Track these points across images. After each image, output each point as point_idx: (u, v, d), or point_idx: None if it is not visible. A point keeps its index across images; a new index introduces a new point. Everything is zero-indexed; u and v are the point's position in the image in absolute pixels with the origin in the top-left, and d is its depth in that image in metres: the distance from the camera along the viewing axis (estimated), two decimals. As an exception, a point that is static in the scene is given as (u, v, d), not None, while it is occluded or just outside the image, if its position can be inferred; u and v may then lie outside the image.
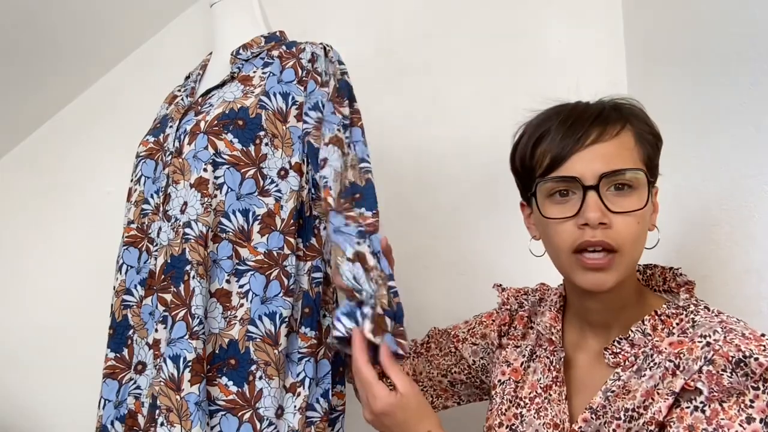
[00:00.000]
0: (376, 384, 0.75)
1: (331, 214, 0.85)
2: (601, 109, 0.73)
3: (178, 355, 0.80)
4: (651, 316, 0.72)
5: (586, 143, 0.70)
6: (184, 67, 1.14)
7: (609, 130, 0.71)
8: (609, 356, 0.73)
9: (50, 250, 1.43)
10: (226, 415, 0.82)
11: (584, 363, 0.79)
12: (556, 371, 0.79)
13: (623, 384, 0.70)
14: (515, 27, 1.35)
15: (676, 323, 0.70)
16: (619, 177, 0.69)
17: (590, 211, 0.68)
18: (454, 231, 1.35)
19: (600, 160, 0.69)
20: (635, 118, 0.73)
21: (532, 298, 0.92)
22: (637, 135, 0.72)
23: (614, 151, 0.70)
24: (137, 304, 0.92)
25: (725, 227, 0.93)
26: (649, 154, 0.73)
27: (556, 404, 0.77)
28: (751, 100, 0.86)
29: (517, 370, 0.85)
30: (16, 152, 1.46)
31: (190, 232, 0.84)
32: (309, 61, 0.93)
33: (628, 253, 0.69)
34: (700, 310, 0.70)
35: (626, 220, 0.68)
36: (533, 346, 0.86)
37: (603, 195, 0.69)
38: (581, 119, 0.72)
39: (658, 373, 0.66)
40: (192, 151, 0.87)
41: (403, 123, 1.36)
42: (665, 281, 0.79)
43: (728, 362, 0.60)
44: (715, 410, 0.60)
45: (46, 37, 1.28)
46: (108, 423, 0.90)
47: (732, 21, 0.91)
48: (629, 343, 0.72)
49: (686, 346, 0.65)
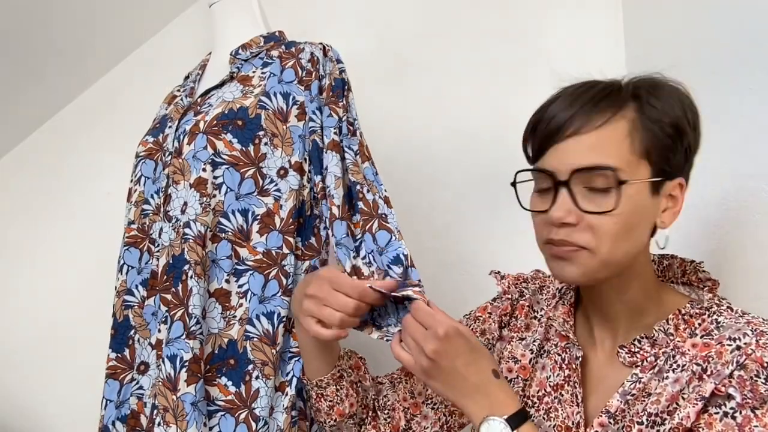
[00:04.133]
0: (438, 310, 0.68)
1: (336, 223, 0.85)
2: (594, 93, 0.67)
3: (175, 355, 0.80)
4: (675, 315, 0.68)
5: (567, 133, 0.65)
6: (184, 67, 1.14)
7: (595, 118, 0.64)
8: (625, 355, 0.69)
9: (50, 251, 1.43)
10: (225, 416, 0.82)
11: (595, 361, 0.74)
12: (570, 370, 0.74)
13: (643, 386, 0.66)
14: (515, 27, 1.35)
15: (698, 323, 0.66)
16: (593, 173, 0.64)
17: (555, 210, 0.65)
18: (454, 231, 1.34)
19: (576, 153, 0.65)
20: (648, 102, 0.66)
21: (532, 286, 0.87)
22: (637, 124, 0.65)
23: (596, 143, 0.64)
24: (139, 304, 0.92)
25: (725, 227, 0.92)
26: (658, 145, 0.65)
27: (568, 405, 0.73)
28: (751, 101, 0.86)
29: (525, 367, 0.80)
30: (16, 152, 1.46)
31: (189, 232, 0.84)
32: (308, 61, 0.93)
33: (599, 252, 0.65)
34: (723, 310, 0.66)
35: (600, 219, 0.64)
36: (541, 340, 0.81)
37: (576, 191, 0.65)
38: (572, 104, 0.66)
39: (684, 377, 0.63)
40: (191, 151, 0.87)
41: (403, 123, 1.35)
42: (684, 273, 0.75)
43: (763, 368, 0.58)
44: (747, 417, 0.57)
45: (46, 37, 1.28)
46: (109, 423, 0.90)
47: (732, 21, 0.91)
48: (650, 343, 0.68)
49: (714, 350, 0.62)
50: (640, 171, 0.65)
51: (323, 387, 0.83)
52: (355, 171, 0.89)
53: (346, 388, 0.83)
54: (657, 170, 0.66)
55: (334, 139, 0.89)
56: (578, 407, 0.72)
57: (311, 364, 0.84)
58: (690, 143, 0.67)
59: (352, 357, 0.88)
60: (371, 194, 0.87)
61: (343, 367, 0.84)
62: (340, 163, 0.88)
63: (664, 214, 0.68)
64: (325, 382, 0.83)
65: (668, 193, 0.67)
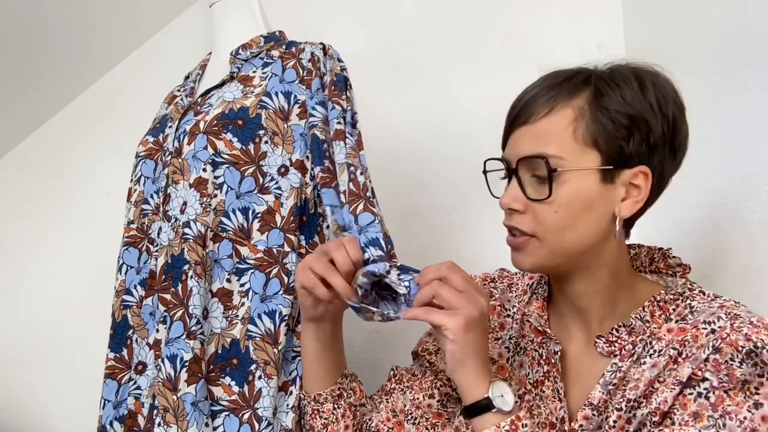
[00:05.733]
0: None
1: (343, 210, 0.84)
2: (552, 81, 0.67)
3: (175, 355, 0.80)
4: (650, 303, 0.68)
5: (519, 122, 0.68)
6: (184, 67, 1.14)
7: (540, 109, 0.66)
8: (603, 345, 0.69)
9: (50, 250, 1.43)
10: (228, 416, 0.82)
11: (572, 354, 0.74)
12: (549, 365, 0.74)
13: (623, 375, 0.67)
14: (515, 27, 1.35)
15: (672, 308, 0.67)
16: (533, 163, 0.66)
17: (503, 197, 0.69)
18: (454, 231, 1.34)
19: (523, 142, 0.67)
20: (599, 91, 0.65)
21: (501, 285, 0.86)
22: (587, 111, 0.64)
23: (538, 132, 0.66)
24: (137, 304, 0.92)
25: (725, 227, 0.92)
26: (606, 134, 0.64)
27: (550, 401, 0.72)
28: (751, 100, 0.86)
29: (504, 367, 0.79)
30: (16, 152, 1.45)
31: (189, 232, 0.84)
32: (309, 61, 0.93)
33: (546, 240, 0.67)
34: (695, 294, 0.67)
35: (542, 207, 0.66)
36: (517, 337, 0.80)
37: (525, 180, 0.67)
38: (527, 94, 0.68)
39: (662, 362, 0.63)
40: (191, 151, 0.87)
41: (403, 123, 1.35)
42: (652, 261, 0.75)
43: (737, 351, 0.58)
44: (720, 397, 0.58)
45: (46, 37, 1.28)
46: (107, 423, 0.90)
47: (732, 21, 0.91)
48: (627, 331, 0.68)
49: (690, 334, 0.63)
50: (585, 159, 0.64)
51: (320, 402, 0.81)
52: (353, 155, 0.89)
53: (344, 408, 0.81)
54: (606, 159, 0.65)
55: (338, 129, 0.89)
56: (561, 402, 0.71)
57: (313, 370, 0.81)
58: (655, 131, 0.65)
59: (355, 380, 0.86)
60: (363, 178, 0.87)
61: (344, 387, 0.82)
62: (344, 151, 0.88)
63: (623, 204, 0.66)
64: (323, 397, 0.81)
65: (628, 181, 0.66)
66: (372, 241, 0.81)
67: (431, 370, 0.85)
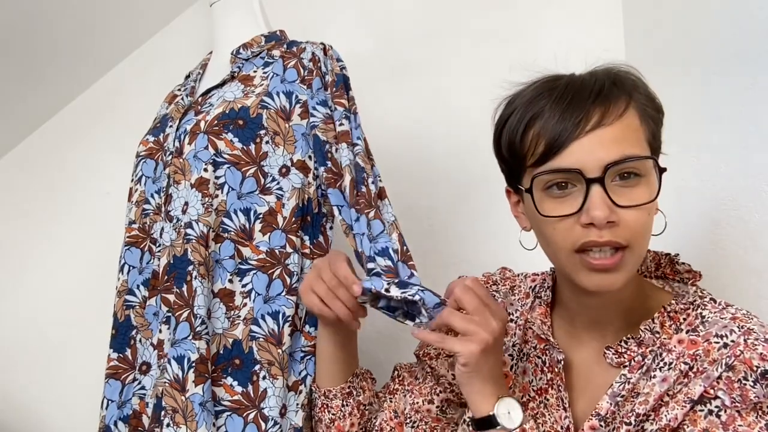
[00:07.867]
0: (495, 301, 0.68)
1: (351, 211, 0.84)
2: (602, 85, 0.63)
3: (183, 356, 0.80)
4: (660, 313, 0.66)
5: (587, 128, 0.61)
6: (184, 67, 1.14)
7: (612, 110, 0.61)
8: (612, 356, 0.68)
9: (50, 250, 1.43)
10: (231, 416, 0.82)
11: (580, 363, 0.72)
12: (552, 373, 0.72)
13: (632, 387, 0.65)
14: (515, 27, 1.35)
15: (683, 318, 0.65)
16: (626, 165, 0.60)
17: (596, 209, 0.59)
18: (454, 231, 1.35)
19: (604, 147, 0.60)
20: (637, 91, 0.65)
21: (503, 288, 0.84)
22: (642, 112, 0.63)
23: (619, 134, 0.61)
24: (140, 304, 0.92)
25: (725, 227, 0.93)
26: (654, 132, 0.64)
27: (554, 410, 0.71)
28: (751, 100, 0.86)
29: (507, 374, 0.77)
30: (16, 152, 1.45)
31: (192, 232, 0.84)
32: (310, 61, 0.93)
33: (637, 248, 0.62)
34: (706, 303, 0.65)
35: (635, 213, 0.60)
36: (520, 343, 0.78)
37: (608, 187, 0.60)
38: (579, 98, 0.62)
39: (672, 376, 0.62)
40: (192, 151, 0.87)
41: (403, 122, 1.36)
42: (659, 267, 0.73)
43: (752, 371, 0.57)
44: (731, 416, 0.57)
45: (46, 37, 1.28)
46: (111, 423, 0.90)
47: (731, 21, 0.91)
48: (637, 342, 0.66)
49: (701, 347, 0.61)
50: None
51: (330, 398, 0.83)
52: (366, 160, 0.89)
53: (351, 406, 0.83)
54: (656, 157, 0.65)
55: (341, 130, 0.88)
56: (566, 411, 0.70)
57: (326, 369, 0.84)
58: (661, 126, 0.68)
59: (365, 378, 0.87)
60: (374, 186, 0.88)
61: (354, 385, 0.84)
62: (346, 151, 0.88)
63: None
64: (333, 393, 0.83)
65: None
66: (381, 251, 0.81)
67: (432, 375, 0.84)
